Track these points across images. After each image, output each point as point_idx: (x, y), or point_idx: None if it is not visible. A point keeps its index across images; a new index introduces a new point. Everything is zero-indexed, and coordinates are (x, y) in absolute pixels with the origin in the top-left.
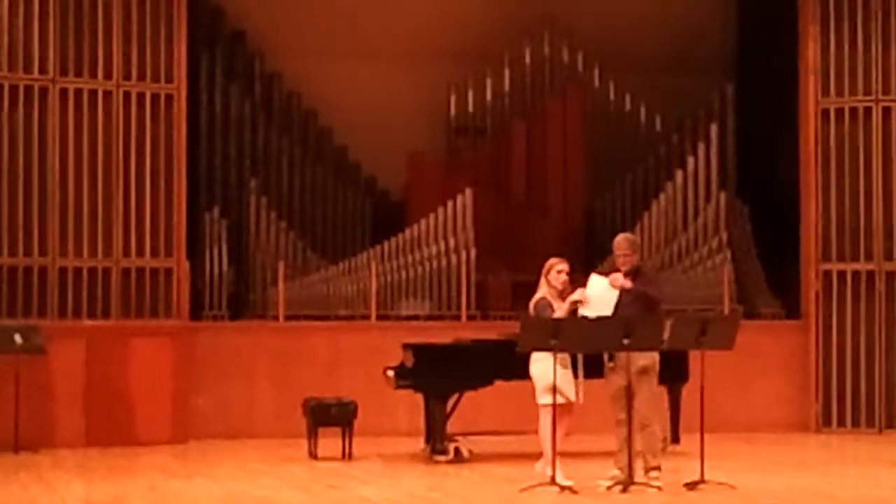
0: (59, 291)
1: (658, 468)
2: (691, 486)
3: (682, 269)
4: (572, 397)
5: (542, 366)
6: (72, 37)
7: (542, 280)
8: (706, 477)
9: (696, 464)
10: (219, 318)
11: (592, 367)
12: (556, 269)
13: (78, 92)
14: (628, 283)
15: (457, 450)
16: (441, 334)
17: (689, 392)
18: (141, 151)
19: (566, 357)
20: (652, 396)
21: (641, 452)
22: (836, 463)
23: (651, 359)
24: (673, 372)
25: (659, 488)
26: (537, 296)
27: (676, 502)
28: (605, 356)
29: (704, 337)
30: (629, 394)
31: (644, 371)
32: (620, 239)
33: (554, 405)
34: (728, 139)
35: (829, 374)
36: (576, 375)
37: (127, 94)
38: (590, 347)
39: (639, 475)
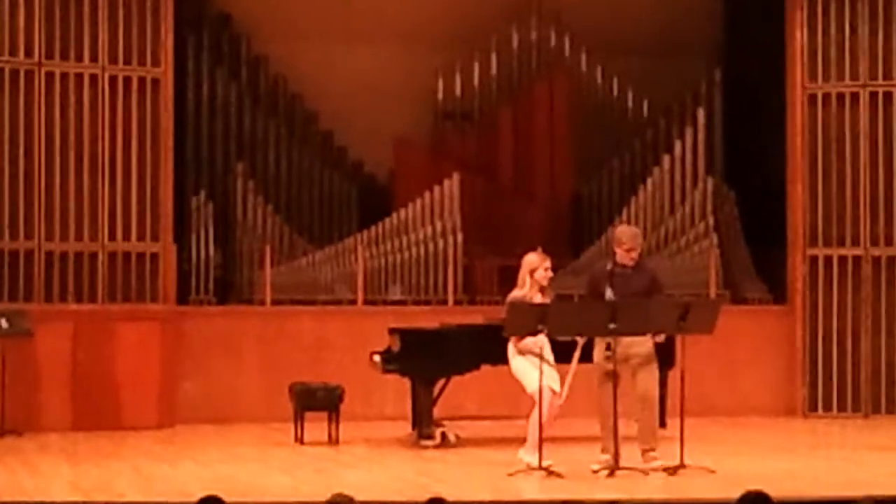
0: (45, 275)
1: (654, 449)
2: (671, 470)
3: (668, 253)
4: (556, 388)
5: (520, 363)
6: (58, 20)
7: (526, 277)
8: (687, 461)
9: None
10: (205, 303)
11: (566, 354)
12: (544, 268)
13: (64, 76)
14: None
15: (444, 434)
16: (428, 319)
17: (675, 376)
18: (127, 135)
19: (545, 350)
20: (654, 381)
21: (641, 435)
22: (821, 447)
23: (648, 344)
24: (660, 357)
25: (662, 468)
26: (517, 294)
27: (658, 486)
28: (604, 346)
29: (685, 322)
30: (615, 380)
31: (646, 358)
32: (625, 231)
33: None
34: (715, 124)
35: (815, 359)
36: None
37: (113, 78)
38: (576, 331)
39: (635, 458)
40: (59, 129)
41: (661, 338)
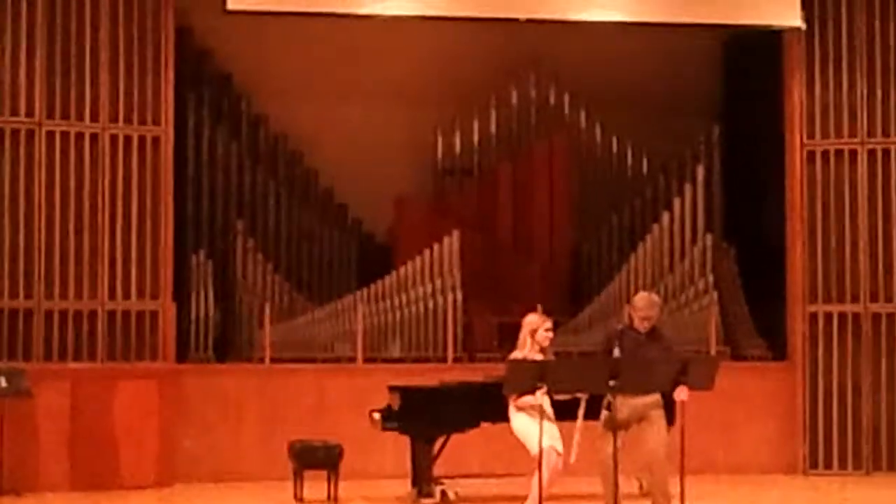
0: (44, 334)
1: None
2: None
3: (668, 311)
4: (559, 447)
5: (523, 421)
6: (58, 80)
7: (527, 338)
8: None
9: None
10: (205, 361)
11: (568, 411)
12: (545, 329)
13: (64, 135)
14: None
15: (443, 493)
16: (427, 376)
17: (675, 434)
18: (127, 194)
19: (544, 407)
20: (662, 438)
21: (654, 495)
22: None
23: (654, 400)
24: None
25: None
26: (517, 355)
27: None
28: (605, 403)
29: (685, 378)
30: (615, 437)
31: (653, 411)
32: (643, 298)
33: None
34: (714, 181)
35: (815, 416)
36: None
37: (114, 137)
38: (576, 388)
39: None
40: (59, 188)
41: (683, 395)
